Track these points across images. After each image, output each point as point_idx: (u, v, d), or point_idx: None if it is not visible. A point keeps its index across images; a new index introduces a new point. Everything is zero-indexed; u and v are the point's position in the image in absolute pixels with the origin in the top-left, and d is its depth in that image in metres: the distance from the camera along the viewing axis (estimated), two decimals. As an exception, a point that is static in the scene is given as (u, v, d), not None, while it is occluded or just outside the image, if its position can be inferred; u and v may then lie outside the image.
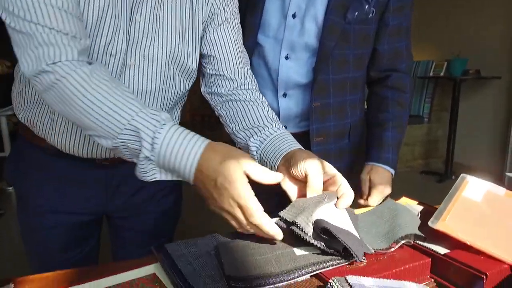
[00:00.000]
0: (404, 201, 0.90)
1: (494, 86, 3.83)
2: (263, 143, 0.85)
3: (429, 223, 0.65)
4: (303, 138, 1.10)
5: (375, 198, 1.05)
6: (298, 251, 0.62)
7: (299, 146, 0.81)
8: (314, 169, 0.71)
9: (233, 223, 0.64)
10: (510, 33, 3.65)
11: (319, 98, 1.06)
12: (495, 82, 3.78)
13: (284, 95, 1.09)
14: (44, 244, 0.89)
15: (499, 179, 3.77)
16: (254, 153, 0.86)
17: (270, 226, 0.61)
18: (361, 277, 0.51)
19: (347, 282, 0.50)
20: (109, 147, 0.66)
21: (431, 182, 3.92)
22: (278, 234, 0.62)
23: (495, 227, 0.67)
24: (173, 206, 1.00)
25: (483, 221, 0.68)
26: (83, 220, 0.90)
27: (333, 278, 0.51)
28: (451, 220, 0.66)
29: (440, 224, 0.64)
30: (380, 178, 1.07)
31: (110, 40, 0.73)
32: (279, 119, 1.10)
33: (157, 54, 0.79)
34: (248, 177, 0.62)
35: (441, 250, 0.64)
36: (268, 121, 0.88)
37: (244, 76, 0.92)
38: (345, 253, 0.60)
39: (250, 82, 0.93)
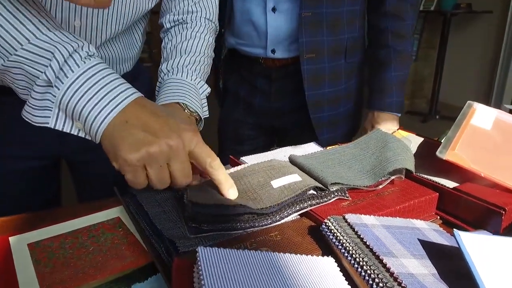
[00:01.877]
0: (401, 133, 0.81)
1: (484, 21, 3.69)
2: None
3: (437, 153, 0.57)
4: (293, 64, 0.98)
5: None
6: (278, 182, 0.52)
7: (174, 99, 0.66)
8: None
9: (177, 171, 0.48)
10: (504, -37, 3.45)
11: (310, 7, 0.90)
12: (486, 17, 3.63)
13: (274, 9, 0.94)
14: None
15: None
16: None
17: (227, 177, 0.50)
18: (362, 215, 0.43)
19: (346, 221, 0.41)
20: None
21: (416, 122, 3.89)
22: (233, 192, 0.49)
23: (507, 157, 0.59)
24: None
25: (495, 151, 0.60)
26: (38, 165, 0.78)
27: (329, 217, 0.42)
28: (461, 150, 0.57)
29: (450, 154, 0.56)
30: (384, 124, 1.00)
31: None
32: (267, 40, 0.97)
33: None
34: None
35: (449, 183, 0.56)
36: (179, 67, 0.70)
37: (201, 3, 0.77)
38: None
39: (208, 11, 0.78)
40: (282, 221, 0.48)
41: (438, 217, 0.54)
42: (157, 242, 0.45)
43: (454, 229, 0.38)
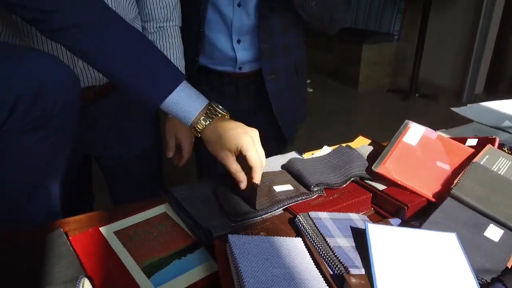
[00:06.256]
0: (360, 140, 1.10)
1: (464, 2, 3.91)
2: None
3: (373, 167, 0.86)
4: (254, 75, 1.26)
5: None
6: (278, 188, 0.82)
7: None
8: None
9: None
10: None
11: (267, 41, 1.17)
12: None
13: (238, 41, 1.20)
14: None
15: (458, 97, 4.07)
16: None
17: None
18: (319, 212, 0.72)
19: (309, 216, 0.71)
20: None
21: (396, 100, 4.18)
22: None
23: (423, 167, 0.88)
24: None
25: (415, 163, 0.89)
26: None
27: (299, 214, 0.72)
28: (390, 164, 0.86)
29: (381, 168, 0.85)
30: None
31: None
32: (237, 63, 1.21)
33: None
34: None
35: (380, 187, 0.85)
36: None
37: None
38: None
39: (179, 19, 1.09)
40: (278, 212, 0.78)
41: (372, 209, 0.84)
42: (197, 229, 0.74)
43: (365, 222, 0.67)
